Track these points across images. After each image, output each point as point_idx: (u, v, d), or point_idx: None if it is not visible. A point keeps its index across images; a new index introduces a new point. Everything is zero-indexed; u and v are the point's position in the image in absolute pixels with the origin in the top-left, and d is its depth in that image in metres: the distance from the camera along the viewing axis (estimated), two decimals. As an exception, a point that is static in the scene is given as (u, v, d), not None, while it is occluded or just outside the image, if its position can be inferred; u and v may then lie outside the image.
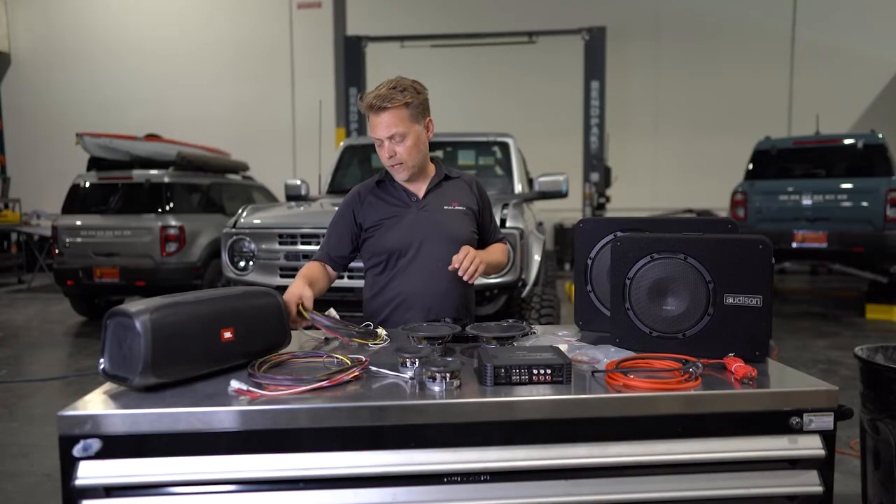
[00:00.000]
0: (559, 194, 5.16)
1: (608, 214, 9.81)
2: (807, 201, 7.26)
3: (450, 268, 1.96)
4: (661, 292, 1.62)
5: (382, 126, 2.00)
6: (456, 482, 1.28)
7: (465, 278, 1.96)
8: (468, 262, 1.94)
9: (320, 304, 1.93)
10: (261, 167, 10.45)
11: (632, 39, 12.29)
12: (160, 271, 6.75)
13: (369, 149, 5.79)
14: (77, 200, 7.26)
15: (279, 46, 13.15)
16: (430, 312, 2.09)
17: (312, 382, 1.34)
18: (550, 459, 1.28)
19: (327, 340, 1.84)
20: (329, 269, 2.18)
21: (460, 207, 2.18)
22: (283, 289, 1.84)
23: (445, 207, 2.15)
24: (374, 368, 1.48)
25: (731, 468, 1.33)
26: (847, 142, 7.71)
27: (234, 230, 4.34)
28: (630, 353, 1.56)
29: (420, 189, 2.18)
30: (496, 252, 2.27)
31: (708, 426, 1.32)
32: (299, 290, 1.87)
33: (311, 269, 2.11)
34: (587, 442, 1.29)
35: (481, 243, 2.28)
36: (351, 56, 10.30)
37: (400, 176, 2.12)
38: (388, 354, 1.65)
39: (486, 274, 2.14)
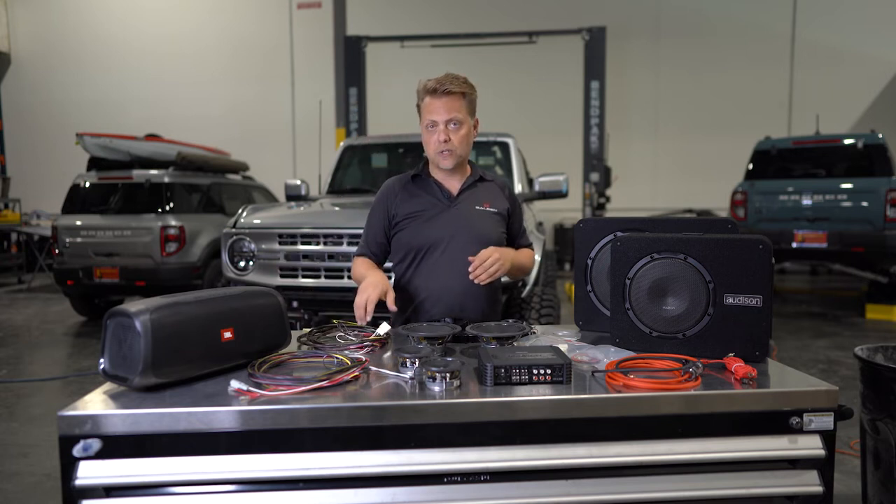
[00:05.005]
0: (559, 194, 5.16)
1: (608, 214, 9.81)
2: (807, 201, 7.26)
3: (471, 267, 1.95)
4: (661, 292, 1.61)
5: (443, 109, 2.01)
6: (456, 482, 1.27)
7: (477, 279, 1.94)
8: (491, 262, 1.93)
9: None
10: (261, 167, 10.45)
11: (632, 39, 12.28)
12: (160, 271, 6.74)
13: (369, 149, 5.79)
14: (77, 200, 7.26)
15: (279, 46, 13.15)
16: (455, 310, 2.08)
17: (312, 382, 1.34)
18: (550, 459, 1.28)
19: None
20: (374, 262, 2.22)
21: (492, 209, 2.18)
22: (282, 289, 1.83)
23: (477, 208, 2.15)
24: (374, 368, 1.48)
25: (731, 468, 1.33)
26: (847, 142, 7.70)
27: (234, 230, 4.34)
28: (630, 353, 1.56)
29: (455, 187, 2.18)
30: (524, 255, 2.28)
31: (708, 426, 1.32)
32: (385, 282, 1.94)
33: (367, 263, 2.17)
34: (587, 442, 1.29)
35: (508, 246, 2.27)
36: (351, 56, 10.29)
37: (445, 163, 2.09)
38: (389, 354, 1.65)
39: (511, 276, 2.14)
